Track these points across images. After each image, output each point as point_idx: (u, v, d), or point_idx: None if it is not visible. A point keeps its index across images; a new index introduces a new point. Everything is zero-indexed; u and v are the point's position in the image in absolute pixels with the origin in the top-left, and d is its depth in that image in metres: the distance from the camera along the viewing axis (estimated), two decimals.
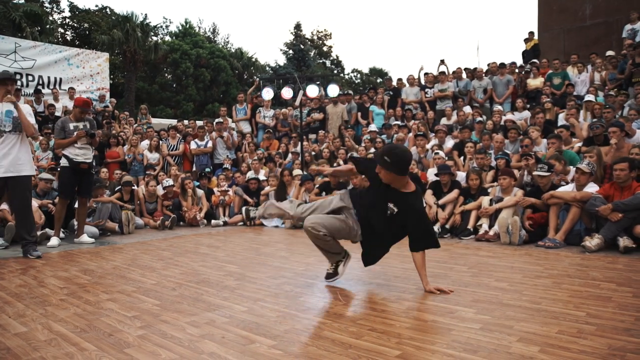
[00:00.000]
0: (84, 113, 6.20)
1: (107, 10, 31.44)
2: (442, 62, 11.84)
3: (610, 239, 4.97)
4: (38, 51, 13.93)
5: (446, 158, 7.66)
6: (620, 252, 4.79)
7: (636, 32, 11.01)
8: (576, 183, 5.58)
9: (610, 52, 10.67)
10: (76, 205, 6.42)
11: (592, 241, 4.94)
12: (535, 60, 11.37)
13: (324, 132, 10.86)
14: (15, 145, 5.13)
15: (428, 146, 8.64)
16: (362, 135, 10.50)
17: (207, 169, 9.65)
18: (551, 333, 2.45)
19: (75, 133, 5.94)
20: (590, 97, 8.57)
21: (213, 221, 8.33)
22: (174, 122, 15.08)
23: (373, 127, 10.30)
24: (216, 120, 11.17)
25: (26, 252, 5.11)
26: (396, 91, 11.87)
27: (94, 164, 6.47)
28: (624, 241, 4.82)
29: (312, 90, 9.83)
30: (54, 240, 5.99)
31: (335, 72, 40.79)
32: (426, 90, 11.24)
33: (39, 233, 6.14)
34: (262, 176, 9.11)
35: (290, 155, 10.09)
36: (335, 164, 8.80)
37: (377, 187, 3.43)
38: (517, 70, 11.20)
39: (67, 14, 31.02)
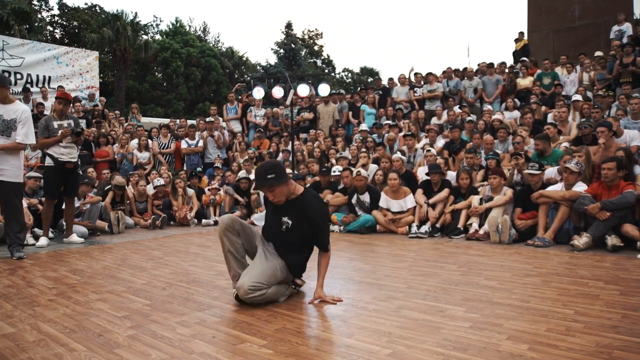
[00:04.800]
0: (65, 106, 5.99)
1: (97, 8, 31.20)
2: (430, 74, 11.87)
3: (598, 237, 5.03)
4: (26, 49, 13.76)
5: (438, 157, 7.68)
6: (608, 251, 4.85)
7: (623, 33, 11.14)
8: (565, 182, 5.63)
9: (598, 53, 10.77)
10: (63, 206, 6.35)
11: (581, 240, 4.99)
12: (524, 59, 11.44)
13: (315, 131, 10.86)
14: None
15: (418, 146, 8.69)
16: (353, 134, 10.51)
17: (198, 169, 9.61)
18: (540, 331, 2.48)
19: (59, 132, 5.79)
20: (578, 97, 8.65)
21: (204, 220, 8.29)
22: (165, 121, 14.97)
23: (364, 126, 10.32)
24: (207, 119, 11.13)
25: (12, 253, 5.06)
26: (385, 90, 11.89)
27: (79, 163, 6.34)
28: (611, 240, 4.87)
29: (303, 90, 9.82)
30: (43, 241, 5.92)
31: (326, 71, 40.80)
32: (415, 89, 11.28)
33: (28, 235, 6.08)
34: (253, 176, 9.09)
35: (281, 155, 10.07)
36: (327, 164, 8.79)
37: (271, 206, 3.30)
38: (506, 70, 11.27)
39: (56, 12, 30.81)
